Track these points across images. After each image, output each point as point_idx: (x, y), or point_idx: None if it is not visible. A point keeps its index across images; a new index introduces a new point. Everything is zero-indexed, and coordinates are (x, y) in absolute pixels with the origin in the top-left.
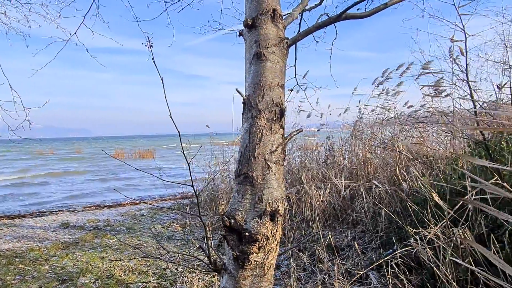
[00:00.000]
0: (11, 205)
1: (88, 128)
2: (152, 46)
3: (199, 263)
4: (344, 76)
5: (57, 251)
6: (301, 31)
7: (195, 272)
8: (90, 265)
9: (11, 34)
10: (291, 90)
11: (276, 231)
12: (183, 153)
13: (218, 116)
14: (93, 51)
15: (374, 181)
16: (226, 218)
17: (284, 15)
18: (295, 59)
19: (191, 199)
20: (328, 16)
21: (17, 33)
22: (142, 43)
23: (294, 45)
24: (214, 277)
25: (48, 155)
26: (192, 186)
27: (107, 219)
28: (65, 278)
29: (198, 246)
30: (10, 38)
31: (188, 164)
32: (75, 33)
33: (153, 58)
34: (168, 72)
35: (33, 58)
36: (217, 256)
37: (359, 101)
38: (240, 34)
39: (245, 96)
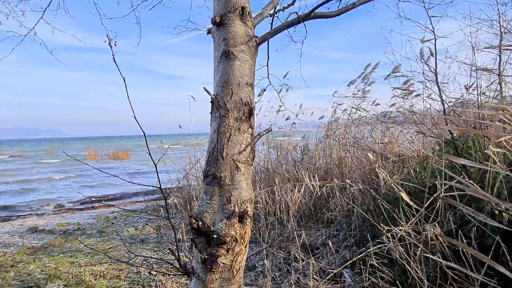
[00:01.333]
0: None
1: (61, 129)
2: (116, 44)
3: (172, 265)
4: (324, 77)
5: (24, 256)
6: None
7: (168, 275)
8: (59, 270)
9: None
10: (264, 90)
11: (245, 232)
12: (149, 154)
13: (196, 117)
14: (67, 49)
15: (347, 180)
16: (194, 220)
17: (255, 14)
18: (268, 59)
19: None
20: (297, 15)
21: None
22: (105, 41)
23: (266, 45)
24: (187, 279)
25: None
26: (160, 188)
27: (78, 222)
28: (31, 285)
29: (169, 248)
30: None
31: (155, 165)
32: (34, 28)
33: (113, 58)
34: (144, 72)
35: None
36: (188, 259)
37: (333, 102)
38: (209, 32)
39: (213, 95)
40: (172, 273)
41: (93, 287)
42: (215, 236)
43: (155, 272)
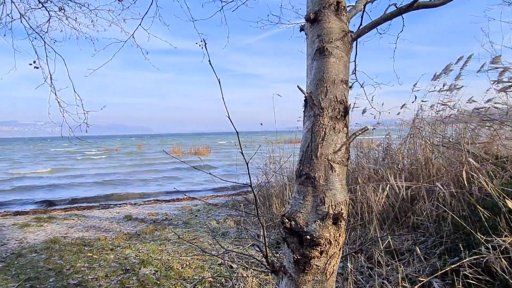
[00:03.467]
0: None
1: (149, 126)
2: (205, 46)
3: (253, 261)
4: (403, 72)
5: (121, 242)
6: (363, 23)
7: (249, 270)
8: (150, 256)
9: (81, 38)
10: (351, 87)
11: (339, 235)
12: (242, 153)
13: (271, 114)
14: (154, 52)
15: (437, 183)
16: (287, 220)
17: (348, 7)
18: (356, 54)
19: (244, 196)
20: (396, 7)
21: (86, 37)
22: (196, 43)
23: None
24: (268, 275)
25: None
26: (251, 186)
27: (166, 213)
28: (127, 268)
29: (252, 244)
30: (80, 43)
31: (247, 164)
32: (133, 35)
33: (209, 60)
34: (223, 71)
35: (93, 59)
36: (274, 257)
37: (415, 97)
38: (301, 29)
39: (307, 93)
40: (253, 268)
41: (180, 274)
42: (308, 237)
43: (236, 266)
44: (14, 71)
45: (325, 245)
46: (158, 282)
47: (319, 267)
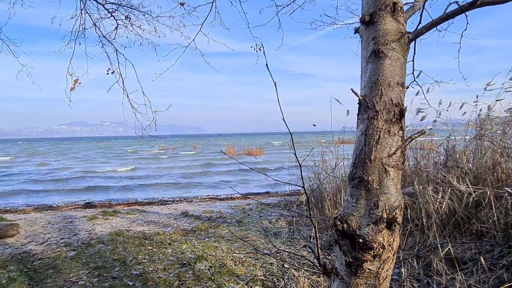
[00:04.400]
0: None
1: (203, 127)
2: (261, 49)
3: (305, 261)
4: (468, 69)
5: (178, 237)
6: (422, 22)
7: (301, 271)
8: (205, 252)
9: (144, 44)
10: (407, 87)
11: (394, 240)
12: (295, 154)
13: (324, 115)
14: (209, 55)
15: (506, 188)
16: (339, 222)
17: (405, 5)
18: (414, 54)
19: (296, 197)
20: (458, 4)
21: (149, 43)
22: (251, 47)
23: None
24: (319, 277)
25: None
26: (303, 187)
27: (220, 211)
28: (184, 262)
29: (304, 245)
30: (143, 48)
31: (300, 165)
32: (194, 39)
33: (266, 65)
34: (276, 72)
35: (159, 64)
36: (326, 259)
37: (476, 96)
38: (356, 31)
39: (361, 96)
40: (305, 269)
41: (233, 271)
42: (361, 240)
43: (287, 266)
44: (86, 75)
45: (378, 249)
46: (213, 278)
47: (371, 271)
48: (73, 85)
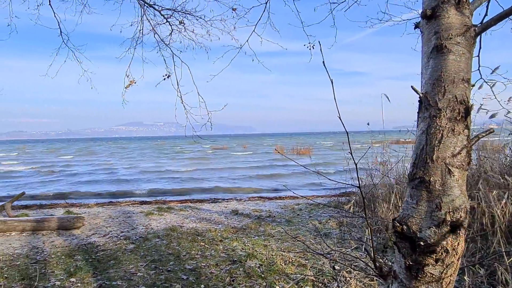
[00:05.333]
0: None
1: (252, 126)
2: (315, 47)
3: (356, 263)
4: None
5: (229, 234)
6: (489, 14)
7: (352, 273)
8: (255, 250)
9: (196, 48)
10: (473, 85)
11: (458, 244)
12: (351, 153)
13: (375, 114)
14: (258, 54)
15: None
16: (398, 224)
17: None
18: (480, 48)
19: (347, 198)
20: None
21: (201, 47)
22: (305, 45)
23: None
24: (373, 280)
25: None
26: (359, 187)
27: (269, 210)
28: (235, 259)
29: (355, 246)
30: (196, 51)
31: (356, 164)
32: (247, 41)
33: (323, 62)
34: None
35: (210, 65)
36: (382, 261)
37: None
38: (416, 26)
39: (422, 93)
40: (358, 271)
41: (283, 271)
42: (421, 243)
43: (338, 267)
44: (142, 78)
45: (441, 253)
46: (263, 276)
47: (433, 276)
48: (128, 84)
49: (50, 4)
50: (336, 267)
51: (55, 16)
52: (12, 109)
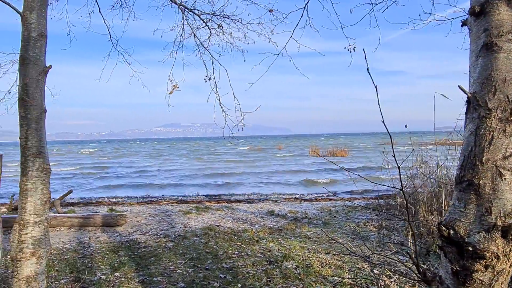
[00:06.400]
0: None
1: (288, 127)
2: (354, 49)
3: (397, 268)
4: None
5: (265, 235)
6: None
7: (392, 277)
8: (292, 252)
9: (234, 50)
10: None
11: (510, 250)
12: (394, 155)
13: (414, 114)
14: (293, 56)
15: None
16: (444, 228)
17: None
18: None
19: (386, 200)
20: None
21: (238, 49)
22: (345, 48)
23: None
24: (414, 285)
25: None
26: (402, 190)
27: (305, 211)
28: (271, 260)
29: (395, 251)
30: (233, 54)
31: (399, 167)
32: (285, 47)
33: (368, 69)
34: (363, 71)
35: (247, 68)
36: (425, 266)
37: None
38: (464, 23)
39: (470, 93)
40: (398, 275)
41: (320, 273)
42: (470, 248)
43: (377, 271)
44: (182, 81)
45: (491, 259)
46: (300, 277)
47: (483, 282)
48: (172, 89)
49: (100, 12)
50: (375, 271)
51: (105, 23)
52: (62, 111)
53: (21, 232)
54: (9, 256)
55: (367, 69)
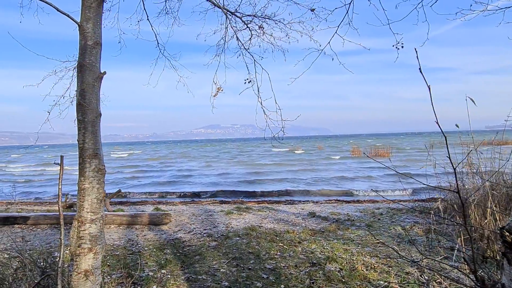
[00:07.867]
0: None
1: (327, 127)
2: (403, 46)
3: (447, 274)
4: None
5: (307, 236)
6: None
7: (443, 283)
8: (335, 254)
9: (275, 51)
10: None
11: None
12: (449, 157)
13: (464, 111)
14: (332, 55)
15: None
16: (507, 233)
17: None
18: None
19: (433, 203)
20: None
21: (279, 50)
22: (393, 45)
23: None
24: None
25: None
26: (458, 192)
27: (347, 213)
28: (314, 262)
29: (445, 256)
30: (275, 54)
31: (455, 169)
32: (329, 43)
33: (420, 69)
34: (407, 68)
35: (288, 68)
36: (483, 273)
37: None
38: None
39: None
40: (450, 281)
41: (365, 276)
42: None
43: (427, 277)
44: (224, 83)
45: None
46: (343, 280)
47: None
48: (216, 92)
49: (148, 19)
50: (425, 277)
51: (152, 29)
52: (111, 114)
53: (80, 229)
54: (67, 251)
55: (419, 68)
